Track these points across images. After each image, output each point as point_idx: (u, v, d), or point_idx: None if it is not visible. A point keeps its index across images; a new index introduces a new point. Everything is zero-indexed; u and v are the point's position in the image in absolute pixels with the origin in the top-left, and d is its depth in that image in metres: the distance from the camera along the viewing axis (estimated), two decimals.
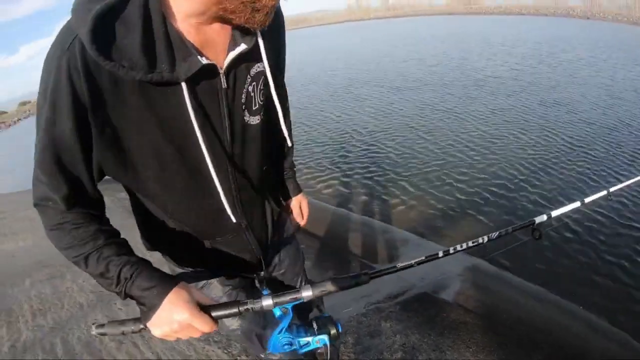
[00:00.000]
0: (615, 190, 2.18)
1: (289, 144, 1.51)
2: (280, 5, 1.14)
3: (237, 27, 1.08)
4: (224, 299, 1.42)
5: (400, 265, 1.29)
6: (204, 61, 1.01)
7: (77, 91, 0.95)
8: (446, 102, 11.14)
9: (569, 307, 3.71)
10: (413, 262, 1.32)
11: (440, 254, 1.40)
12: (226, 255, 1.37)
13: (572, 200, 1.95)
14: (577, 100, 10.36)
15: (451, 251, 1.41)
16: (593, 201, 2.02)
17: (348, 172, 7.23)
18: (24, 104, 79.71)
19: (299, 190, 1.77)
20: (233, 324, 1.48)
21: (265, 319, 1.48)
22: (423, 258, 1.34)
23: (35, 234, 6.44)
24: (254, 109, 1.22)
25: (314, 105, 12.86)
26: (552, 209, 1.84)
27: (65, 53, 0.93)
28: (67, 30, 0.95)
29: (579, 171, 6.35)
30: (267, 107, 1.27)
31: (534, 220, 1.77)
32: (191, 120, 1.06)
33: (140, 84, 0.98)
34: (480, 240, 1.49)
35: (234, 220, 1.26)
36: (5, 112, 70.15)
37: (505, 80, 13.02)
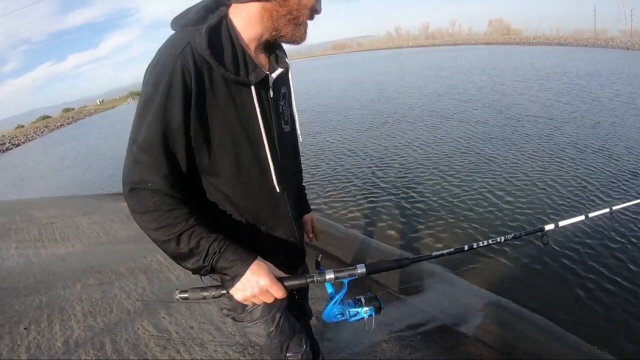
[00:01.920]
0: (617, 209, 2.41)
1: (300, 139, 1.84)
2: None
3: (272, 53, 1.55)
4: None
5: (434, 254, 1.64)
6: (265, 72, 1.44)
7: (187, 85, 1.28)
8: (478, 134, 11.33)
9: (590, 350, 3.72)
10: (444, 252, 1.66)
11: (466, 247, 1.76)
12: (278, 241, 1.64)
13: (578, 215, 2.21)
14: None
15: (474, 246, 1.77)
16: (596, 216, 2.29)
17: (375, 200, 7.51)
18: (67, 110, 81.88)
19: (309, 208, 2.12)
20: (274, 338, 1.75)
21: (293, 331, 1.83)
22: (452, 250, 1.69)
23: (83, 241, 6.80)
24: (285, 119, 1.64)
25: (350, 135, 13.18)
26: (559, 220, 2.11)
27: (179, 56, 1.28)
28: (178, 39, 1.33)
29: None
30: (292, 122, 1.73)
31: (543, 227, 2.03)
32: (258, 118, 1.44)
33: (228, 85, 1.36)
34: (499, 239, 1.85)
35: (284, 206, 1.63)
36: (49, 117, 72.29)
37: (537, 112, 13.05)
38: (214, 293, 1.37)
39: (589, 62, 29.10)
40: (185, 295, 1.38)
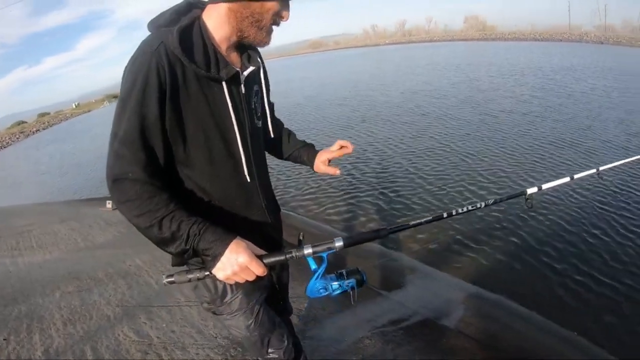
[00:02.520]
0: (604, 169, 2.41)
1: (272, 135, 1.89)
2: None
3: (245, 52, 1.63)
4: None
5: (411, 223, 1.63)
6: (236, 69, 1.51)
7: (162, 82, 1.35)
8: (455, 129, 11.47)
9: (571, 338, 3.78)
10: (422, 220, 1.67)
11: (445, 215, 1.74)
12: (252, 232, 1.61)
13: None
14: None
15: (453, 213, 1.75)
16: (582, 178, 2.30)
17: (354, 197, 7.52)
18: (43, 114, 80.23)
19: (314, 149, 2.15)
20: (253, 331, 1.78)
21: (274, 325, 1.86)
22: (430, 218, 1.68)
23: (60, 248, 6.71)
24: (258, 115, 1.72)
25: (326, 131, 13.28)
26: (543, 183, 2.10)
27: (154, 54, 1.35)
28: (153, 39, 1.40)
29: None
30: (264, 118, 1.80)
31: (526, 191, 2.04)
32: (230, 113, 1.52)
33: (200, 81, 1.44)
34: (478, 205, 1.83)
35: (257, 198, 1.71)
36: (24, 122, 70.98)
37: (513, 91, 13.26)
38: (198, 275, 1.40)
39: (564, 57, 29.54)
40: (172, 278, 1.42)
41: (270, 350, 1.87)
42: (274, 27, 1.53)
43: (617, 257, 4.88)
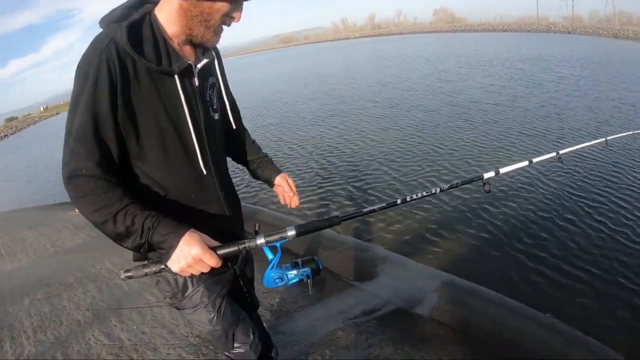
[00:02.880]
0: (564, 153, 2.48)
1: (234, 126, 1.91)
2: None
3: (198, 47, 1.61)
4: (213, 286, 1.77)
5: (365, 210, 1.65)
6: (188, 62, 1.51)
7: (113, 77, 1.35)
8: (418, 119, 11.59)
9: (544, 320, 3.84)
10: (376, 207, 1.68)
11: (399, 201, 1.76)
12: (209, 224, 1.63)
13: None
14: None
15: (408, 199, 1.78)
16: (542, 162, 2.35)
17: (328, 189, 7.54)
18: (10, 119, 78.03)
19: (279, 170, 2.17)
20: (216, 325, 1.78)
21: (238, 318, 1.86)
22: (384, 205, 1.70)
23: (29, 255, 6.57)
24: (214, 107, 1.72)
25: (290, 126, 13.29)
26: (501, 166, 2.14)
27: (105, 50, 1.35)
28: (103, 36, 1.40)
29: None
30: (222, 110, 1.80)
31: (483, 175, 2.05)
32: (182, 105, 1.52)
33: (151, 75, 1.43)
34: (433, 191, 1.87)
35: (214, 190, 1.71)
36: None
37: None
38: (154, 268, 1.40)
39: (532, 47, 30.00)
40: (129, 273, 1.42)
41: (236, 345, 1.87)
42: (224, 27, 1.54)
43: (582, 240, 5.03)
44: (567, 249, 4.92)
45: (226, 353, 1.94)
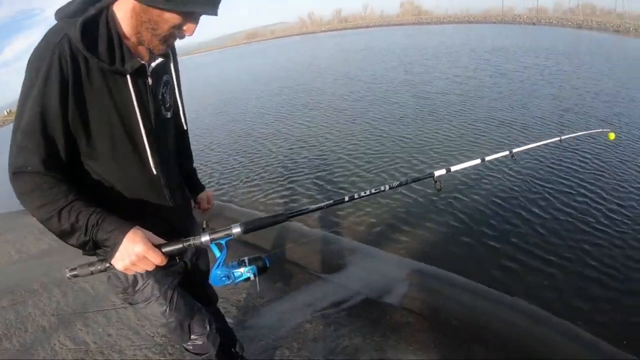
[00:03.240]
0: (518, 152, 2.50)
1: (185, 127, 1.96)
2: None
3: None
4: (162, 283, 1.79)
5: (312, 207, 1.67)
6: (141, 62, 1.50)
7: (64, 73, 1.34)
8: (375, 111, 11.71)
9: (512, 302, 3.89)
10: (323, 204, 1.68)
11: (346, 198, 1.75)
12: (157, 223, 1.60)
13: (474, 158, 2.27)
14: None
15: (356, 196, 1.77)
16: (495, 159, 2.36)
17: (292, 183, 7.51)
18: None
19: (203, 187, 2.25)
20: (169, 317, 1.81)
21: (192, 310, 1.88)
22: (331, 202, 1.70)
23: None
24: (167, 106, 1.71)
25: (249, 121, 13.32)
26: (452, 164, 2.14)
27: (57, 45, 1.32)
28: (56, 30, 1.37)
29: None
30: (175, 108, 1.81)
31: (434, 173, 2.05)
32: (134, 105, 1.51)
33: (104, 74, 1.42)
34: (382, 188, 1.84)
35: (162, 189, 1.71)
36: None
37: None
38: (99, 267, 1.40)
39: (497, 38, 30.36)
40: (75, 272, 1.41)
41: (193, 336, 1.91)
42: (177, 38, 1.52)
43: (548, 226, 5.19)
44: (534, 235, 5.03)
45: (184, 345, 1.97)
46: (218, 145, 10.91)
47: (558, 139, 3.02)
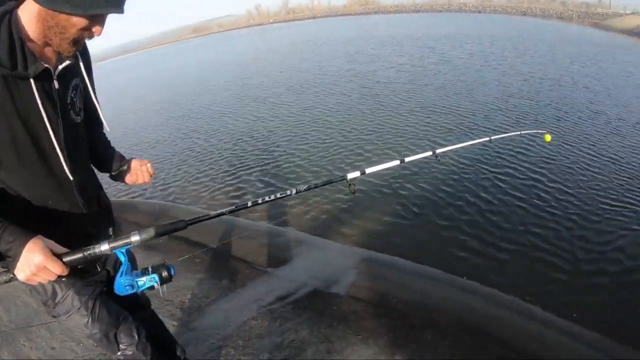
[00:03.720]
0: (441, 152, 2.55)
1: (107, 129, 1.89)
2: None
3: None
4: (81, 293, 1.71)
5: (213, 213, 1.61)
6: (45, 65, 1.41)
7: None
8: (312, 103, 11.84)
9: (459, 282, 4.01)
10: (225, 210, 1.63)
11: (249, 204, 1.72)
12: (69, 230, 1.57)
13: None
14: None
15: (259, 201, 1.74)
16: (416, 160, 2.41)
17: (239, 178, 7.47)
18: None
19: (127, 159, 2.01)
20: (92, 328, 1.74)
21: (117, 319, 1.81)
22: (233, 207, 1.67)
23: None
24: (76, 110, 1.63)
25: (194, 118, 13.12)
26: (366, 166, 2.13)
27: None
28: None
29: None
30: (86, 112, 1.72)
31: (346, 176, 2.05)
32: (40, 111, 1.43)
33: (5, 79, 1.34)
34: (289, 192, 1.83)
35: (74, 194, 1.63)
36: None
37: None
38: (4, 277, 1.36)
39: (442, 26, 30.85)
40: None
41: (121, 346, 1.85)
42: (86, 39, 1.48)
43: (492, 209, 5.40)
44: (479, 219, 5.20)
45: (114, 356, 1.90)
46: (162, 144, 10.69)
47: (488, 138, 3.07)
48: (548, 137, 3.89)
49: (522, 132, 4.27)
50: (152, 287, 1.50)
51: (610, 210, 5.21)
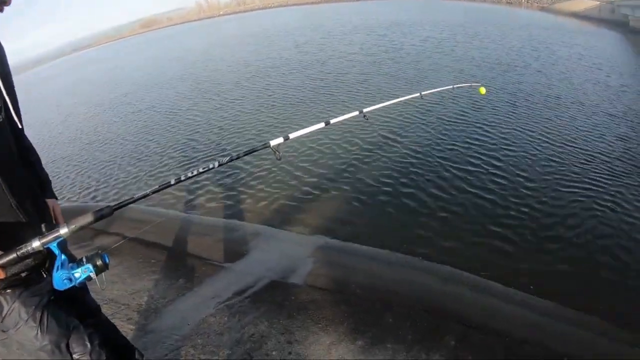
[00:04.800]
0: (368, 111, 2.67)
1: (20, 126, 1.74)
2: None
3: None
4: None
5: (137, 195, 1.61)
6: None
7: None
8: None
9: (419, 264, 4.07)
10: (149, 191, 1.63)
11: (172, 181, 1.71)
12: (10, 233, 1.51)
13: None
14: None
15: (182, 178, 1.72)
16: (343, 121, 2.49)
17: (166, 164, 7.49)
18: None
19: (52, 195, 1.96)
20: (42, 340, 1.66)
21: (67, 329, 1.74)
22: (157, 187, 1.66)
23: None
24: None
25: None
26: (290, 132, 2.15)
27: None
28: None
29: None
30: (6, 109, 1.63)
31: (269, 143, 2.05)
32: None
33: None
34: (211, 166, 1.82)
35: (7, 198, 1.55)
36: None
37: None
38: None
39: (391, 13, 30.81)
40: None
41: (75, 356, 1.78)
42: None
43: (438, 181, 5.56)
44: (426, 195, 5.32)
45: None
46: (85, 146, 10.27)
47: (418, 94, 3.10)
48: (483, 90, 3.92)
49: (455, 85, 4.28)
50: (89, 278, 1.47)
51: (558, 172, 5.50)
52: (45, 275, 1.71)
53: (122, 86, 16.28)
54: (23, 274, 1.55)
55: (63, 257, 1.41)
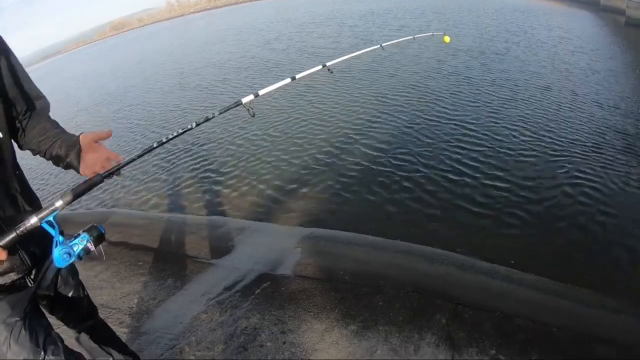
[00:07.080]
0: (331, 65, 2.73)
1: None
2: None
3: None
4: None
5: (124, 160, 1.59)
6: None
7: None
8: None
9: (405, 247, 4.14)
10: (134, 155, 1.62)
11: (155, 144, 1.69)
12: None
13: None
14: None
15: (164, 140, 1.72)
16: (307, 75, 2.49)
17: (172, 178, 7.30)
18: None
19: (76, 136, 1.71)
20: (12, 355, 1.55)
21: (38, 345, 1.63)
22: (140, 152, 1.65)
23: None
24: None
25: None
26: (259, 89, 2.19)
27: None
28: None
29: None
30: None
31: (241, 101, 2.09)
32: None
33: None
34: (189, 126, 1.85)
35: (3, 188, 1.52)
36: None
37: None
38: None
39: (363, 3, 30.70)
40: None
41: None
42: None
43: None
44: (400, 178, 5.45)
45: None
46: None
47: (379, 45, 3.11)
48: (447, 39, 3.91)
49: (416, 35, 4.27)
50: (87, 251, 1.45)
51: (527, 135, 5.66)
52: (30, 284, 1.65)
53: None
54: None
55: (60, 238, 1.40)
